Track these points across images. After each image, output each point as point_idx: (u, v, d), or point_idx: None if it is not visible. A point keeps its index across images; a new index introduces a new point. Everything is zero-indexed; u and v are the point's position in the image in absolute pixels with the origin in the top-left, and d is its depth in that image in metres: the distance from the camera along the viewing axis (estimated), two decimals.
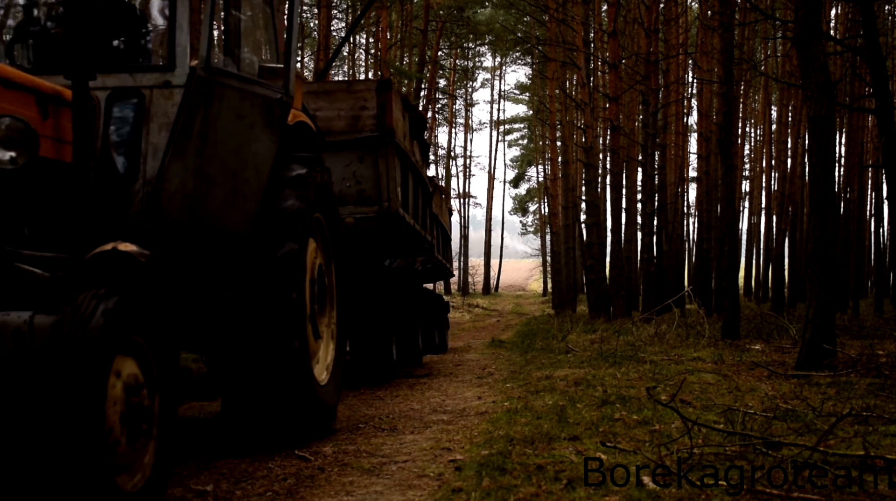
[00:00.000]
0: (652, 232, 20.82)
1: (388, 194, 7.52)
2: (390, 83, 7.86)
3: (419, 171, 9.46)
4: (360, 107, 7.63)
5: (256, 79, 5.11)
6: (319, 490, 4.10)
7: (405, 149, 8.24)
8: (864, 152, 27.51)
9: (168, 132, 4.32)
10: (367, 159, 7.52)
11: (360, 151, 7.53)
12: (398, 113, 7.98)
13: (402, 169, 8.12)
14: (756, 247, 36.29)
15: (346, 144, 7.52)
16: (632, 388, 6.93)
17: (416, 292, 12.24)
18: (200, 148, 4.46)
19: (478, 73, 50.87)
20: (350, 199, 7.51)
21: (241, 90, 4.84)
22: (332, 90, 8.03)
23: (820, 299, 8.01)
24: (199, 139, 4.45)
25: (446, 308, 16.32)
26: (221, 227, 4.68)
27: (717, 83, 15.48)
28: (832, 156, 8.53)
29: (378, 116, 7.59)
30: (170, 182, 4.30)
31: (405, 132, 8.45)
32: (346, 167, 7.52)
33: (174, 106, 4.36)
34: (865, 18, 9.88)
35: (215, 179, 4.61)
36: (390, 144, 7.58)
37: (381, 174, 7.47)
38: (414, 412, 6.67)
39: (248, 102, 4.89)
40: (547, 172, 38.73)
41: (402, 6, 30.86)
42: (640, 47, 21.96)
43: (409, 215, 8.46)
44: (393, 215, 7.57)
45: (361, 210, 7.52)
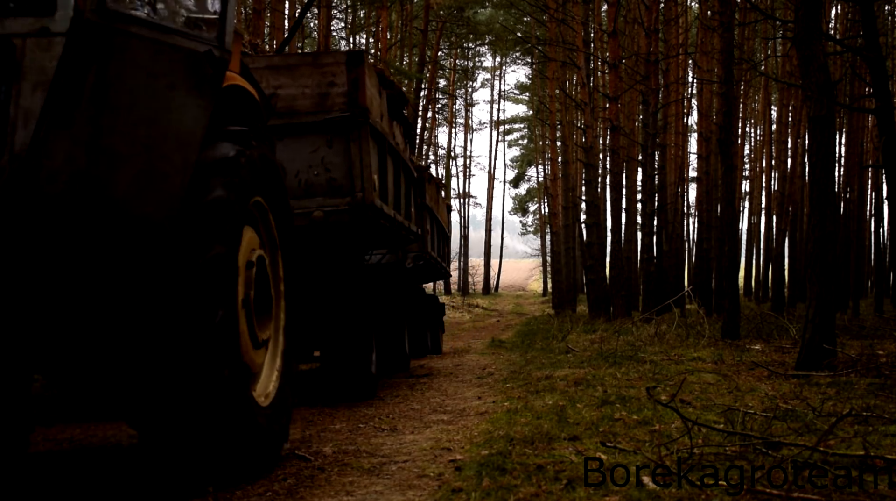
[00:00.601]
0: (652, 232, 20.82)
1: (361, 184, 6.50)
2: (363, 56, 6.84)
3: (400, 155, 8.39)
4: (329, 83, 6.62)
5: (177, 27, 4.03)
6: (319, 490, 4.09)
7: (382, 131, 7.25)
8: (864, 152, 27.52)
9: (45, 93, 3.38)
10: (336, 144, 6.53)
11: (329, 134, 6.53)
12: (373, 90, 7.00)
13: (378, 154, 7.13)
14: (756, 247, 36.30)
15: (313, 126, 6.54)
16: (632, 388, 6.93)
17: (405, 291, 11.36)
18: (95, 115, 3.53)
19: (478, 73, 50.95)
20: (318, 189, 6.55)
21: (155, 42, 3.81)
22: (296, 64, 6.89)
23: (820, 299, 8.01)
24: (92, 104, 3.52)
25: (441, 310, 15.62)
26: (134, 216, 3.69)
27: (717, 83, 15.48)
28: (832, 156, 8.53)
29: (349, 94, 6.58)
30: (51, 157, 3.40)
31: (382, 112, 7.44)
32: (314, 153, 6.55)
33: (54, 60, 3.40)
34: (865, 18, 9.88)
35: (121, 155, 3.65)
36: (364, 126, 6.56)
37: (354, 161, 6.45)
38: (414, 412, 6.67)
39: (166, 58, 3.85)
40: (547, 172, 38.74)
41: (402, 6, 30.87)
42: (640, 47, 21.97)
43: (390, 207, 7.53)
44: (368, 207, 6.56)
45: (332, 202, 6.53)
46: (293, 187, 6.24)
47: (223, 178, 4.01)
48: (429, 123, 37.71)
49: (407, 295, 11.15)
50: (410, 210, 9.27)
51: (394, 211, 7.74)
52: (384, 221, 7.16)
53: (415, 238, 9.47)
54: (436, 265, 13.46)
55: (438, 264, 13.76)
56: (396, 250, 10.62)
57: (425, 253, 11.90)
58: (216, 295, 3.80)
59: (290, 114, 6.46)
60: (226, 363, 3.83)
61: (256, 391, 4.30)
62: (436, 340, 14.39)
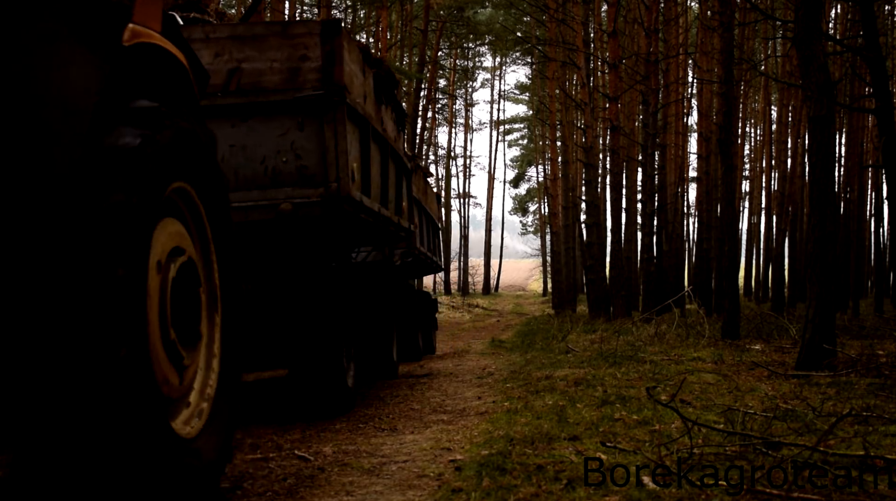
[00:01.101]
0: (652, 232, 20.83)
1: (336, 173, 5.67)
2: (340, 26, 6.00)
3: (388, 143, 7.46)
4: (301, 57, 5.79)
5: None
6: (319, 490, 4.10)
7: (365, 114, 6.39)
8: (864, 152, 27.52)
9: None
10: (309, 126, 5.73)
11: (300, 115, 5.73)
12: (353, 66, 6.18)
13: (360, 140, 6.34)
14: (756, 247, 36.31)
15: (282, 105, 5.71)
16: (632, 388, 6.93)
17: (393, 290, 10.61)
18: None
19: (478, 73, 50.98)
20: (287, 178, 5.73)
21: None
22: (263, 35, 5.94)
23: (820, 299, 8.01)
24: None
25: (433, 306, 14.84)
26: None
27: (717, 83, 15.48)
28: (832, 156, 8.53)
29: (323, 69, 5.76)
30: None
31: (366, 93, 6.58)
32: (282, 137, 5.73)
33: None
34: (865, 18, 9.88)
35: None
36: (340, 106, 5.71)
37: (328, 146, 5.64)
38: (414, 412, 6.67)
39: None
40: (547, 172, 38.74)
41: (402, 6, 30.88)
42: (640, 47, 21.98)
43: (373, 200, 6.73)
44: (343, 199, 5.72)
45: (302, 193, 5.70)
46: (259, 175, 5.61)
47: (124, 175, 3.08)
48: (429, 123, 37.72)
49: (394, 295, 10.38)
50: (401, 205, 8.38)
51: (379, 205, 6.96)
52: (365, 215, 6.38)
53: (405, 235, 8.79)
54: (426, 261, 12.79)
55: (428, 259, 13.09)
56: (383, 248, 10.08)
57: (414, 249, 11.31)
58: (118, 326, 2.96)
59: (255, 91, 5.69)
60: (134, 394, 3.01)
61: (180, 419, 3.43)
62: (428, 339, 13.74)
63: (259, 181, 5.67)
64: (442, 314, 28.64)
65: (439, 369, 10.66)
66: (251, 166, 5.63)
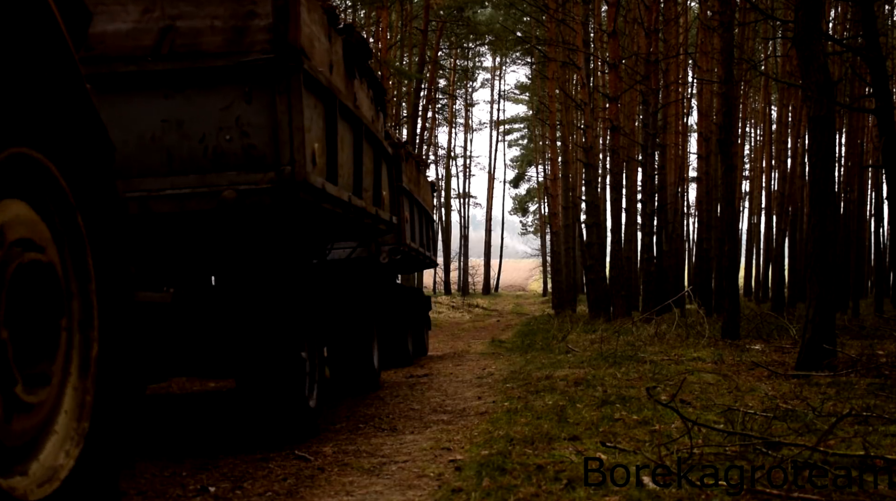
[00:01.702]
0: (652, 232, 20.83)
1: (291, 153, 4.71)
2: None
3: (362, 123, 6.45)
4: (247, 13, 4.81)
5: None
6: (319, 490, 4.10)
7: (331, 86, 5.39)
8: (864, 152, 27.52)
9: None
10: (257, 98, 4.74)
11: (247, 84, 4.73)
12: (314, 28, 5.21)
13: (325, 117, 5.39)
14: (756, 247, 36.30)
15: (224, 73, 4.73)
16: (632, 388, 6.93)
17: (375, 289, 9.70)
18: None
19: (478, 73, 50.95)
20: (232, 160, 4.76)
21: None
22: None
23: (820, 299, 8.01)
24: None
25: (426, 304, 13.75)
26: None
27: (717, 83, 15.48)
28: (832, 156, 8.53)
29: (275, 29, 4.76)
30: None
31: (333, 62, 5.61)
32: (226, 111, 4.74)
33: None
34: (865, 18, 9.88)
35: None
36: (295, 73, 4.72)
37: (281, 122, 4.69)
38: (414, 413, 6.67)
39: None
40: (547, 172, 38.73)
41: (402, 6, 30.87)
42: (640, 47, 21.96)
43: (341, 187, 5.71)
44: (299, 185, 4.76)
45: (249, 178, 4.73)
46: (197, 156, 4.68)
47: None
48: (429, 123, 37.71)
49: (376, 294, 9.46)
50: (381, 194, 7.39)
51: (350, 194, 5.95)
52: (330, 205, 5.45)
53: (387, 228, 7.79)
54: (417, 257, 11.78)
55: (420, 254, 12.12)
56: (369, 243, 9.29)
57: (403, 244, 10.28)
58: None
59: (192, 56, 4.71)
60: None
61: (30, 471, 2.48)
62: (420, 340, 12.80)
63: (197, 164, 4.71)
64: (442, 314, 28.62)
65: (439, 369, 10.65)
66: (188, 146, 4.67)
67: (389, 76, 27.44)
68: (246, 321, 5.45)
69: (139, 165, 4.63)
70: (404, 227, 10.31)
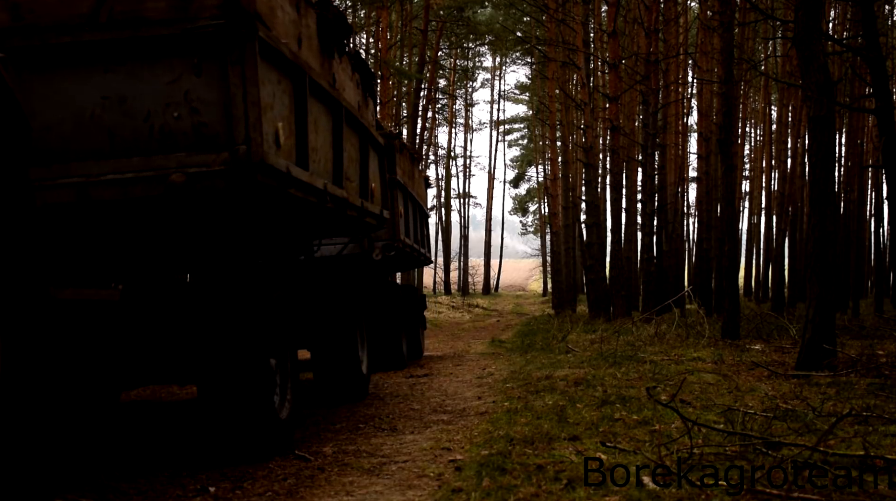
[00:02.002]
0: (652, 232, 20.84)
1: (246, 131, 4.18)
2: None
3: (342, 105, 5.86)
4: None
5: None
6: (319, 490, 4.10)
7: (299, 61, 4.88)
8: (864, 152, 27.53)
9: None
10: (208, 70, 4.22)
11: (196, 55, 4.22)
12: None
13: (293, 94, 4.85)
14: (756, 247, 36.31)
15: (170, 42, 4.22)
16: (632, 388, 6.93)
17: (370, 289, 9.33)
18: None
19: (478, 73, 50.95)
20: (180, 140, 4.24)
21: None
22: None
23: (820, 299, 8.02)
24: None
25: (421, 304, 13.15)
26: None
27: (717, 83, 15.48)
28: (832, 156, 8.53)
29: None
30: None
31: (301, 35, 5.08)
32: (173, 85, 4.23)
33: None
34: (865, 18, 9.88)
35: None
36: (250, 41, 4.18)
37: (235, 96, 4.17)
38: (414, 413, 6.67)
39: None
40: (547, 172, 38.74)
41: (402, 6, 30.87)
42: (640, 47, 21.97)
43: (315, 174, 5.14)
44: (256, 166, 4.19)
45: (200, 160, 4.19)
46: (142, 137, 4.18)
47: None
48: (429, 123, 37.72)
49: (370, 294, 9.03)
50: (368, 186, 6.79)
51: (327, 182, 5.38)
52: (300, 193, 4.87)
53: (377, 223, 7.28)
54: (411, 253, 11.13)
55: (415, 251, 11.50)
56: (361, 239, 8.88)
57: (397, 240, 9.75)
58: None
59: (134, 24, 4.21)
60: None
61: None
62: (415, 341, 12.29)
63: (142, 145, 4.19)
64: (442, 314, 28.63)
65: (439, 369, 10.65)
66: (131, 125, 4.16)
67: (389, 76, 27.43)
68: (203, 322, 4.95)
69: (77, 147, 4.12)
70: (398, 222, 9.78)
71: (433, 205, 49.12)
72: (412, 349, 12.10)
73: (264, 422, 4.95)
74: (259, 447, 4.98)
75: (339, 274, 8.19)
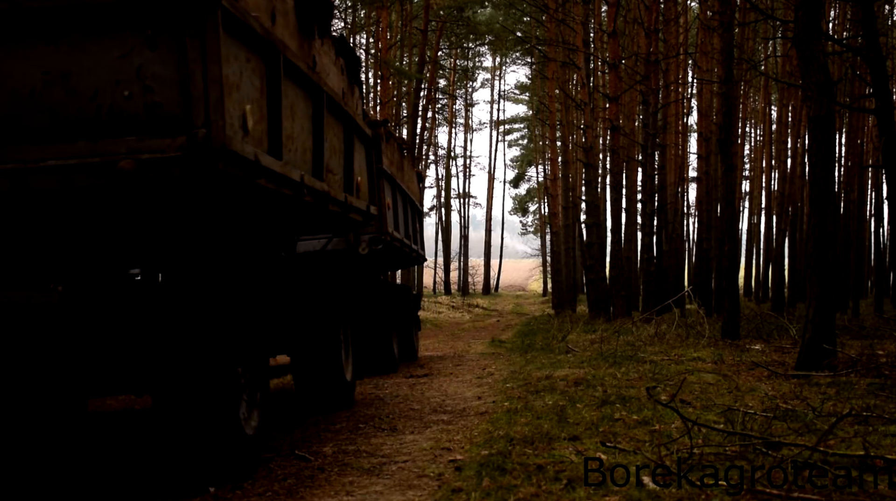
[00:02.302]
0: (652, 232, 20.84)
1: (206, 112, 3.68)
2: None
3: (323, 90, 5.34)
4: None
5: None
6: (319, 490, 4.10)
7: (269, 36, 4.33)
8: (864, 152, 27.53)
9: None
10: (164, 43, 3.71)
11: (150, 25, 3.73)
12: None
13: (264, 75, 4.33)
14: (756, 247, 36.32)
15: (120, 11, 3.71)
16: (632, 388, 6.93)
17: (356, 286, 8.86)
18: None
19: (478, 73, 50.96)
20: (132, 122, 3.73)
21: None
22: None
23: (820, 299, 8.02)
24: None
25: (416, 303, 12.56)
26: None
27: (717, 83, 15.48)
28: (832, 156, 8.53)
29: None
30: None
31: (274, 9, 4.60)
32: (123, 60, 3.69)
33: None
34: (865, 18, 9.88)
35: None
36: (212, 11, 3.69)
37: (194, 73, 3.67)
38: (414, 413, 6.67)
39: None
40: (547, 173, 38.75)
41: (402, 6, 30.86)
42: (640, 47, 21.97)
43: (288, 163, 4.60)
44: (217, 153, 3.68)
45: (153, 145, 3.69)
46: (87, 118, 3.71)
47: None
48: (429, 123, 37.72)
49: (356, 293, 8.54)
50: (353, 179, 6.30)
51: (304, 174, 4.89)
52: (273, 184, 4.37)
53: (364, 219, 6.78)
54: (402, 249, 10.36)
55: (406, 246, 10.74)
56: (346, 233, 8.32)
57: (385, 233, 9.12)
58: None
59: None
60: None
61: None
62: (408, 343, 11.72)
63: (88, 128, 3.72)
64: (442, 314, 28.64)
65: (439, 369, 10.65)
66: (76, 105, 3.69)
67: (389, 76, 27.43)
68: (156, 326, 4.42)
69: (15, 129, 3.66)
70: (385, 214, 9.15)
71: (433, 205, 49.17)
72: (405, 351, 11.60)
73: (228, 440, 4.39)
74: (221, 467, 4.41)
75: (323, 272, 7.44)
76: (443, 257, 46.99)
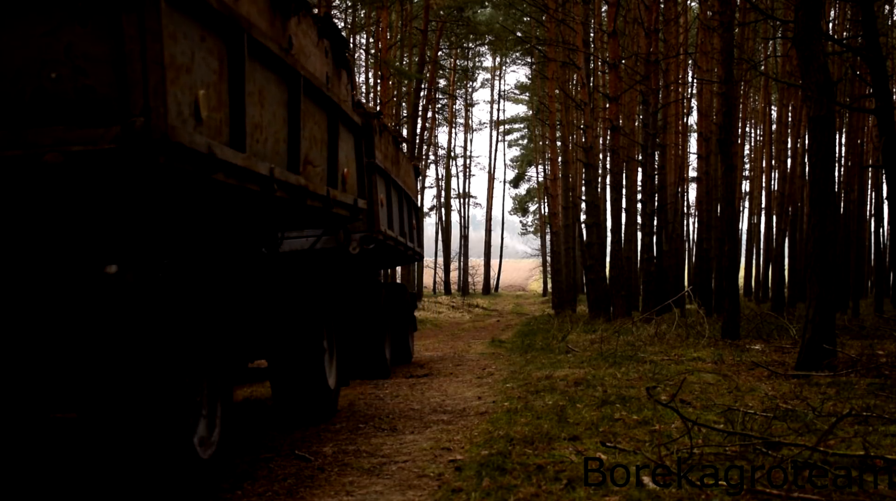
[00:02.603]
0: (652, 232, 20.84)
1: (146, 98, 3.17)
2: None
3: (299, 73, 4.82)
4: None
5: None
6: (319, 490, 4.10)
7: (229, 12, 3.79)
8: (864, 152, 27.54)
9: None
10: (96, 20, 3.20)
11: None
12: None
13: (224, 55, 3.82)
14: (756, 247, 36.32)
15: None
16: (632, 388, 6.93)
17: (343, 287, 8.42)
18: None
19: (478, 73, 50.95)
20: (60, 109, 3.22)
21: None
22: None
23: (820, 299, 8.02)
24: None
25: (411, 303, 12.09)
26: None
27: (717, 83, 15.48)
28: (832, 156, 8.54)
29: None
30: None
31: None
32: (50, 37, 3.19)
33: None
34: (865, 18, 9.88)
35: None
36: None
37: (131, 52, 3.16)
38: (414, 412, 6.67)
39: None
40: (547, 172, 38.75)
41: (402, 6, 30.87)
42: (640, 47, 21.97)
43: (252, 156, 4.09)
44: (158, 144, 3.18)
45: (84, 135, 3.18)
46: (8, 104, 3.22)
47: None
48: (429, 123, 37.72)
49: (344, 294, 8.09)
50: (337, 171, 5.80)
51: (274, 167, 4.36)
52: (234, 179, 3.87)
53: (351, 214, 6.28)
54: (396, 248, 9.91)
55: (400, 244, 10.24)
56: (336, 231, 7.99)
57: (377, 231, 8.64)
58: None
59: None
60: None
61: None
62: (402, 345, 11.20)
63: (9, 115, 3.23)
64: (442, 313, 28.63)
65: (439, 369, 10.65)
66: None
67: (389, 76, 27.43)
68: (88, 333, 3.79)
69: None
70: (377, 211, 8.67)
71: (433, 205, 49.17)
72: (399, 354, 11.07)
73: (175, 461, 3.82)
74: (168, 496, 3.85)
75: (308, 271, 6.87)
76: (443, 256, 46.99)
